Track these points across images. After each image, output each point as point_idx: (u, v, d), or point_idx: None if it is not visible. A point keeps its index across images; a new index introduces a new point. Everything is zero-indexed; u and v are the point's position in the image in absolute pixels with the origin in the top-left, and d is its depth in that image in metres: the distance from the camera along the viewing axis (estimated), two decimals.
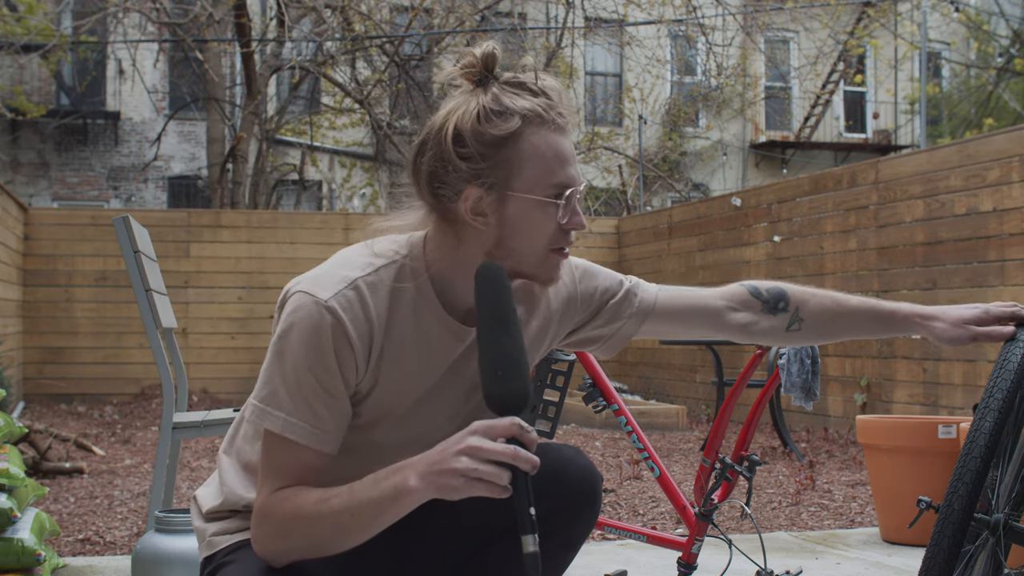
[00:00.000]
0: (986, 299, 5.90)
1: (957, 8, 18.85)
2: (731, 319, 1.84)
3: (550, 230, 1.54)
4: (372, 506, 1.43)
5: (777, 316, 1.84)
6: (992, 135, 5.96)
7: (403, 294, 1.57)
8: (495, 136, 1.50)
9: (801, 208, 7.67)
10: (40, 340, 9.34)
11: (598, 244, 10.61)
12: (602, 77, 20.23)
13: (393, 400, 1.59)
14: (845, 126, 20.83)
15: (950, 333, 1.81)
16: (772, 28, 18.00)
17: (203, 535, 1.66)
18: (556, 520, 1.65)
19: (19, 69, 16.78)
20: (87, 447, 5.90)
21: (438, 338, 1.60)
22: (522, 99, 1.53)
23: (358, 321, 1.51)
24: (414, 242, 1.61)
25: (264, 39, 12.77)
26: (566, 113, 1.55)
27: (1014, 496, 2.03)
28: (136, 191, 18.46)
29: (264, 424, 1.51)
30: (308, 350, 1.49)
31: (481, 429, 1.39)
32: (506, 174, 1.51)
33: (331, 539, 1.47)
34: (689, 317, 1.83)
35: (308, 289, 1.51)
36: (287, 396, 1.49)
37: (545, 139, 1.52)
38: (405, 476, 1.41)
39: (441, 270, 1.59)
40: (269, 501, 1.50)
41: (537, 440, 1.41)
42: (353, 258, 1.58)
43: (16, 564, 2.63)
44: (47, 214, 9.79)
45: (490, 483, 1.36)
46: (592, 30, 15.72)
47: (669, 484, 2.75)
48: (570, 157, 1.55)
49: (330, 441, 1.52)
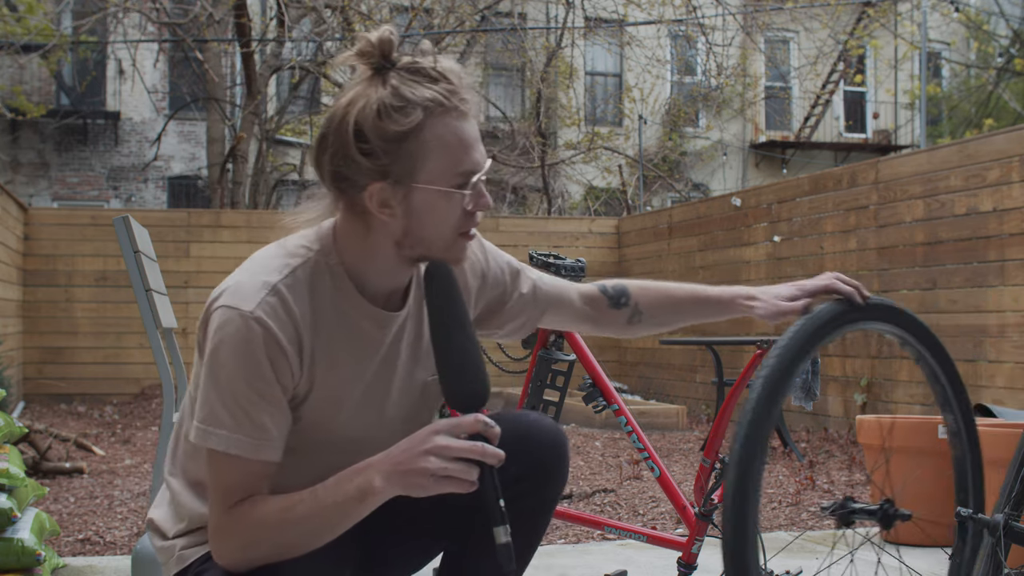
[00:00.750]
0: (986, 299, 5.90)
1: (957, 8, 18.85)
2: (583, 312, 1.92)
3: (456, 216, 1.54)
4: (337, 509, 1.45)
5: (620, 310, 1.91)
6: (992, 135, 5.96)
7: (322, 290, 1.57)
8: (397, 132, 1.48)
9: (801, 208, 7.67)
10: (40, 340, 9.34)
11: (598, 244, 10.60)
12: (602, 77, 20.23)
13: (333, 397, 1.59)
14: (845, 126, 20.83)
15: (762, 310, 1.86)
16: (772, 28, 18.00)
17: (171, 552, 1.64)
18: (529, 482, 1.68)
19: (19, 69, 16.78)
20: (87, 447, 5.90)
21: (363, 329, 1.61)
22: (422, 88, 1.50)
23: (285, 326, 1.50)
24: (323, 235, 1.61)
25: (264, 39, 12.77)
26: (468, 95, 1.53)
27: (1014, 496, 2.03)
28: (136, 191, 18.46)
29: (208, 444, 1.50)
30: (241, 364, 1.48)
31: (446, 428, 1.42)
32: (410, 167, 1.50)
33: (299, 543, 1.48)
34: (558, 310, 1.90)
35: (231, 303, 1.50)
36: (226, 413, 1.48)
37: (448, 127, 1.50)
38: (369, 477, 1.44)
39: (354, 260, 1.59)
40: (227, 518, 1.50)
41: (499, 434, 1.44)
42: (268, 261, 1.57)
43: (16, 564, 2.63)
44: (47, 214, 9.79)
45: (459, 479, 1.40)
46: (592, 30, 15.72)
47: (669, 484, 2.75)
48: (473, 141, 1.53)
49: (275, 449, 1.52)
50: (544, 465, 1.70)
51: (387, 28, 1.53)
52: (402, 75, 1.51)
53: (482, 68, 17.40)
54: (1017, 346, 5.68)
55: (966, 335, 6.05)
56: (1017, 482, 2.03)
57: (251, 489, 1.50)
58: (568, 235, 10.56)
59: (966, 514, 1.95)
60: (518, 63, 15.51)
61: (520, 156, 14.72)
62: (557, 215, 14.37)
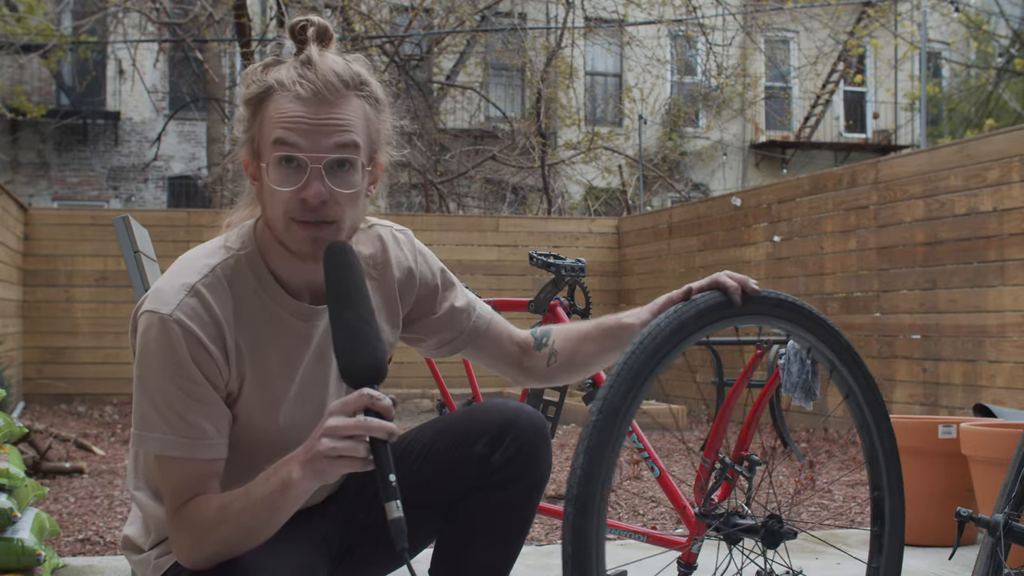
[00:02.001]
0: (986, 299, 5.90)
1: (957, 8, 18.85)
2: (511, 355, 1.89)
3: (283, 199, 1.53)
4: (266, 504, 1.47)
5: (542, 351, 1.88)
6: (992, 135, 5.96)
7: (244, 287, 1.59)
8: (246, 97, 1.54)
9: (801, 208, 7.67)
10: (40, 340, 9.34)
11: (598, 244, 10.60)
12: (602, 77, 20.22)
13: (269, 395, 1.61)
14: (845, 126, 20.83)
15: (645, 316, 1.79)
16: (772, 28, 18.00)
17: (147, 563, 1.68)
18: (517, 466, 1.71)
19: (19, 69, 16.77)
20: (87, 447, 5.90)
21: (289, 324, 1.62)
22: (284, 70, 1.54)
23: (206, 325, 1.53)
24: (245, 232, 1.63)
25: (264, 39, 12.76)
26: (328, 87, 1.51)
27: (1014, 496, 2.03)
28: (136, 191, 18.46)
29: (144, 448, 1.53)
30: (167, 366, 1.50)
31: (335, 408, 1.43)
32: (258, 139, 1.54)
33: (241, 540, 1.51)
34: (487, 342, 1.87)
35: (152, 307, 1.53)
36: (158, 416, 1.51)
37: (280, 104, 1.52)
38: (289, 469, 1.46)
39: (270, 255, 1.61)
40: (176, 518, 1.53)
41: (390, 407, 1.44)
42: (188, 263, 1.60)
43: (16, 564, 2.63)
44: (47, 214, 9.79)
45: (351, 458, 1.40)
46: (592, 30, 15.72)
47: (669, 484, 2.75)
48: (301, 123, 1.50)
49: (215, 446, 1.54)
50: (528, 448, 1.72)
51: (305, 17, 1.58)
52: (291, 60, 1.56)
53: (482, 68, 17.40)
54: (1017, 346, 5.67)
55: (966, 335, 6.05)
56: (1017, 482, 2.03)
57: (198, 488, 1.53)
58: (568, 235, 10.56)
59: (966, 514, 1.95)
60: (518, 63, 15.51)
61: (520, 156, 14.71)
62: (557, 215, 14.37)
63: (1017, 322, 5.68)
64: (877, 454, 1.85)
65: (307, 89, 1.51)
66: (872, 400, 1.84)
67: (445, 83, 15.91)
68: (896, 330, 6.64)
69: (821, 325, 1.77)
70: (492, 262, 10.21)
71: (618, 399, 1.53)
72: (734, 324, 1.68)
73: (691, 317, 1.62)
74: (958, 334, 6.09)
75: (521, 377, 1.91)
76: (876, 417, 1.85)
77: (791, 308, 1.73)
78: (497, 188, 16.28)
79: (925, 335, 6.40)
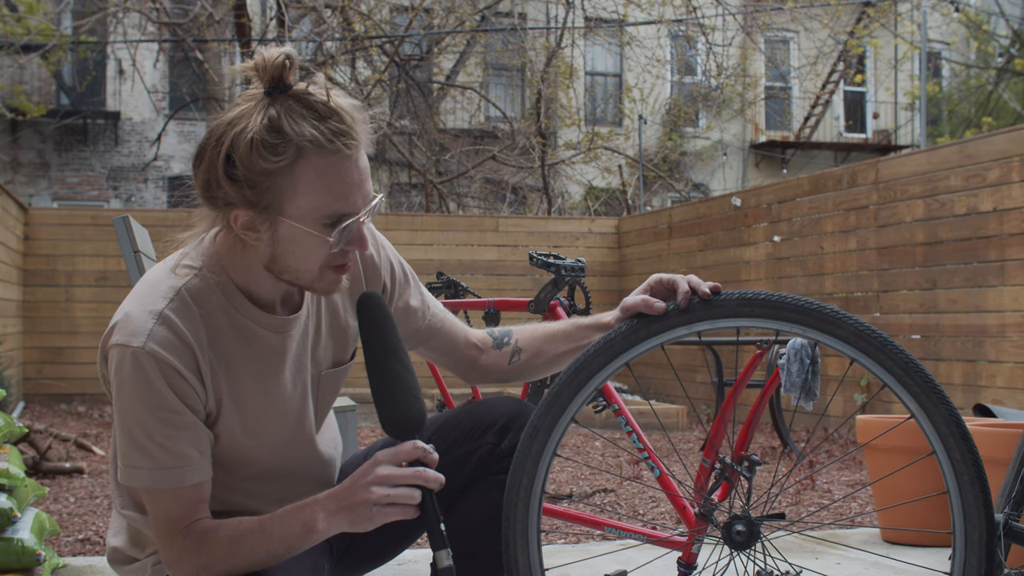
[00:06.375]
0: (986, 299, 5.90)
1: (957, 8, 18.85)
2: (465, 355, 1.88)
3: (324, 254, 1.50)
4: (283, 543, 1.50)
5: (503, 350, 1.88)
6: (992, 135, 5.96)
7: (213, 307, 1.55)
8: (265, 168, 1.43)
9: (801, 208, 7.67)
10: (40, 340, 9.34)
11: (598, 244, 10.60)
12: (602, 77, 20.23)
13: (246, 409, 1.60)
14: (845, 126, 20.83)
15: (611, 317, 1.78)
16: (772, 28, 18.00)
17: (143, 570, 1.68)
18: None
19: (19, 69, 16.77)
20: (87, 447, 5.90)
21: (263, 339, 1.60)
22: (305, 124, 1.43)
23: (179, 351, 1.50)
24: (206, 251, 1.58)
25: (264, 39, 12.77)
26: (357, 135, 1.46)
27: (1014, 496, 2.03)
28: (136, 191, 18.46)
29: (134, 483, 1.52)
30: (145, 400, 1.48)
31: (386, 458, 1.46)
32: (278, 200, 1.46)
33: (251, 568, 1.52)
34: (442, 341, 1.86)
35: (122, 340, 1.49)
36: (142, 452, 1.50)
37: (322, 169, 1.44)
38: (314, 514, 1.48)
39: (238, 275, 1.57)
40: (179, 544, 1.52)
41: (437, 460, 1.49)
42: (152, 287, 1.55)
43: (16, 564, 2.63)
44: (47, 214, 9.79)
45: (403, 505, 1.44)
46: (592, 30, 15.73)
47: (669, 484, 2.75)
48: (351, 184, 1.47)
49: (200, 469, 1.54)
50: None
51: (284, 51, 1.47)
52: (290, 104, 1.45)
53: (482, 68, 17.40)
54: (1017, 346, 5.68)
55: (966, 335, 6.05)
56: (1017, 482, 2.03)
57: (192, 513, 1.53)
58: (568, 235, 10.56)
59: None
60: (518, 63, 15.51)
61: (520, 156, 14.72)
62: (557, 215, 14.37)
63: (1017, 322, 5.68)
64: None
65: (350, 145, 1.45)
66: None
67: (445, 83, 15.91)
68: (896, 330, 6.65)
69: (815, 313, 1.63)
70: (492, 262, 10.21)
71: (538, 419, 1.64)
72: (696, 330, 1.67)
73: (604, 346, 1.66)
74: (958, 334, 6.09)
75: (477, 376, 1.90)
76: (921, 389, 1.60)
77: (761, 301, 1.63)
78: (497, 188, 16.28)
79: (925, 335, 6.40)
